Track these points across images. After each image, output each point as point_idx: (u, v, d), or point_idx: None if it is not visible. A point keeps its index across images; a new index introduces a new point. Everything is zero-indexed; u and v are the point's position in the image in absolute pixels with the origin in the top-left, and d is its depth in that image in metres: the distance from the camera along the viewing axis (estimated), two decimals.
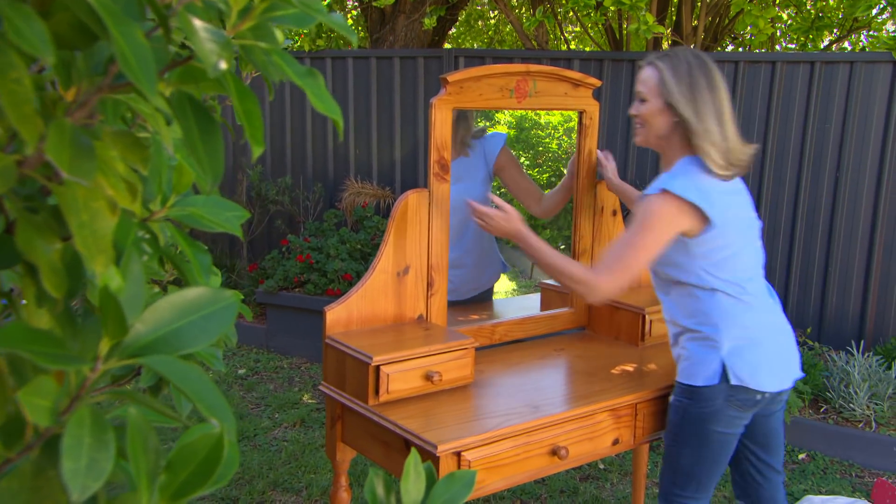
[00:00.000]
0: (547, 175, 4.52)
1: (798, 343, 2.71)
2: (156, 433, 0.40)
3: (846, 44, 6.11)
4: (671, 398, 2.01)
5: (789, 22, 5.90)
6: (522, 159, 4.62)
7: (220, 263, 5.51)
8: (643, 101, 1.98)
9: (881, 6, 4.73)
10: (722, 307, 1.92)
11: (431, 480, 0.54)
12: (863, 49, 6.01)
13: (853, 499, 3.09)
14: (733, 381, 1.89)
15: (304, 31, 5.69)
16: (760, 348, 1.93)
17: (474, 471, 0.55)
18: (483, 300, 2.82)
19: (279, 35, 1.11)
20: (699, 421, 1.93)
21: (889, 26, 5.77)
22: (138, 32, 0.36)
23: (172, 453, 0.41)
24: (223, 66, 0.38)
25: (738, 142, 1.93)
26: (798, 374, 2.03)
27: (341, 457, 2.07)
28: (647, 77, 1.97)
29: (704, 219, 1.87)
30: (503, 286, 3.33)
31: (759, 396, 1.93)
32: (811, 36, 5.34)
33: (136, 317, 0.41)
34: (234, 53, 0.41)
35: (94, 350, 0.40)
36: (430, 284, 2.15)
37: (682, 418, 1.96)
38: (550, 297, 2.67)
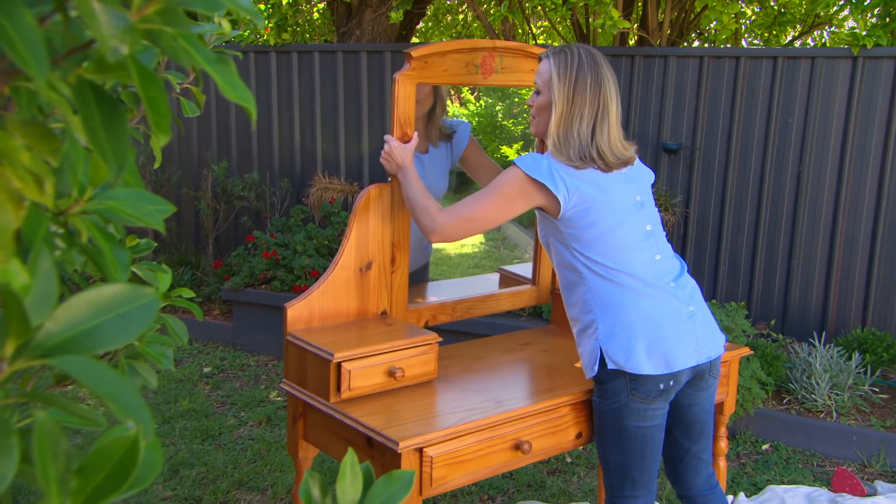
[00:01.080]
0: (522, 127, 4.51)
1: (720, 327, 2.65)
2: (66, 436, 0.38)
3: (808, 39, 6.20)
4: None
5: (753, 17, 5.97)
6: (497, 107, 4.63)
7: (185, 260, 5.43)
8: (538, 92, 2.02)
9: (841, 3, 4.80)
10: (597, 291, 1.93)
11: (369, 481, 0.53)
12: (824, 45, 6.10)
13: (814, 487, 3.15)
14: (610, 366, 1.88)
15: (270, 24, 5.63)
16: (636, 331, 1.90)
17: (412, 471, 0.54)
18: (424, 274, 2.81)
19: (226, 26, 1.08)
20: (612, 418, 1.93)
21: (849, 23, 5.86)
22: (26, 14, 0.34)
23: (86, 457, 0.39)
24: (124, 50, 0.36)
25: (617, 141, 1.98)
26: (704, 358, 1.97)
27: (303, 455, 2.06)
28: (542, 70, 2.00)
29: (554, 197, 1.92)
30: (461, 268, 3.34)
31: (661, 385, 1.91)
32: (774, 31, 5.41)
33: (46, 315, 0.40)
34: (138, 37, 0.39)
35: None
36: (392, 261, 2.14)
37: (598, 417, 1.97)
38: (508, 283, 2.67)
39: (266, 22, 5.68)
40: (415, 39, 7.75)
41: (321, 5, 7.07)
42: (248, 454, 3.37)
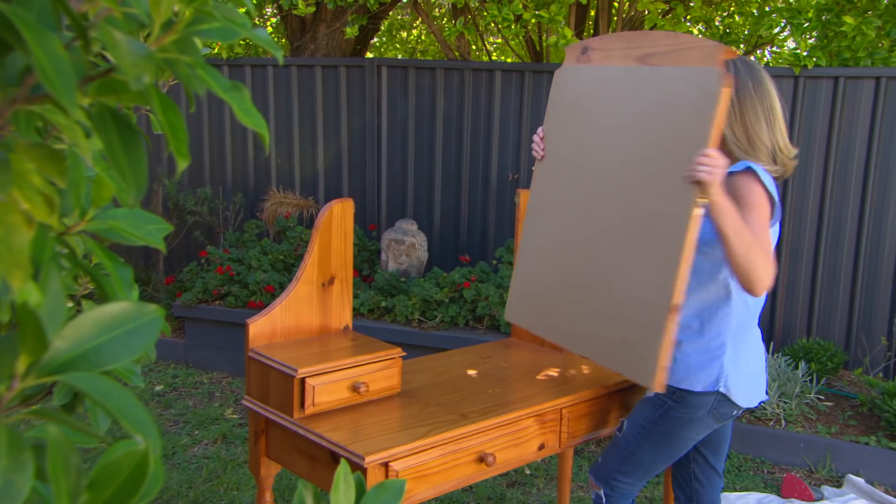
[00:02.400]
0: None
1: None
2: (78, 452, 0.39)
3: (752, 59, 6.41)
4: (649, 392, 2.03)
5: (700, 37, 6.15)
6: None
7: (135, 277, 5.33)
8: None
9: (782, 24, 4.98)
10: (737, 318, 1.92)
11: (361, 491, 0.54)
12: (767, 64, 6.32)
13: (765, 494, 3.23)
14: (722, 390, 1.91)
15: None
16: (751, 364, 1.97)
17: (403, 480, 0.55)
18: None
19: (197, 43, 1.09)
20: (678, 424, 1.95)
21: (790, 43, 6.09)
22: (56, 43, 0.35)
23: (95, 471, 0.40)
24: (147, 79, 0.38)
25: (785, 144, 1.95)
26: (764, 396, 2.06)
27: (265, 472, 2.04)
28: None
29: (773, 215, 1.87)
30: None
31: (735, 411, 1.98)
32: None
33: (55, 333, 0.40)
34: (159, 67, 0.40)
35: (11, 368, 0.39)
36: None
37: (659, 417, 1.97)
38: None
39: None
40: (369, 55, 7.78)
41: (274, 19, 7.05)
42: (203, 473, 3.32)
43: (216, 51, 5.55)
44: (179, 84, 0.60)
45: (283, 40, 7.01)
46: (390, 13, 7.20)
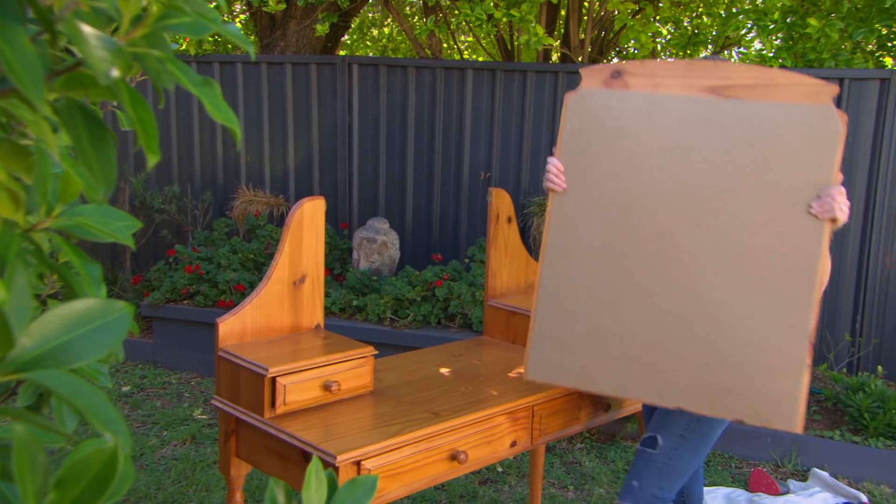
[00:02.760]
0: None
1: None
2: (44, 451, 0.38)
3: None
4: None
5: (669, 37, 6.22)
6: None
7: (102, 276, 5.25)
8: None
9: (749, 26, 5.06)
10: None
11: (333, 488, 0.54)
12: None
13: (733, 488, 3.28)
14: None
15: None
16: None
17: (375, 476, 0.55)
18: None
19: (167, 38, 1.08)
20: (713, 425, 2.00)
21: (756, 44, 6.18)
22: (22, 37, 0.34)
23: (63, 470, 0.39)
24: (116, 74, 0.37)
25: None
26: None
27: (236, 472, 2.02)
28: None
29: None
30: None
31: None
32: (689, 51, 5.64)
33: (21, 330, 0.39)
34: (128, 61, 0.40)
35: None
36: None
37: (696, 421, 1.99)
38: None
39: None
40: (340, 52, 7.74)
41: (244, 16, 6.98)
42: (172, 474, 3.28)
43: (184, 47, 5.48)
44: (146, 80, 0.59)
45: (253, 37, 6.95)
46: (361, 11, 7.17)
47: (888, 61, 4.82)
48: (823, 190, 1.71)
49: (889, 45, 4.60)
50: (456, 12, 4.89)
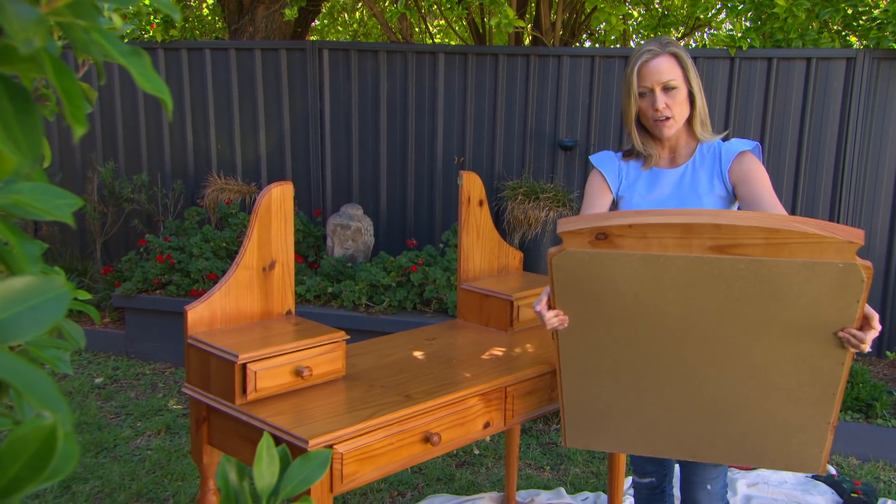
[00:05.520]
0: None
1: None
2: None
3: (691, 41, 6.53)
4: None
5: (639, 19, 6.23)
6: None
7: (71, 267, 5.18)
8: (673, 88, 1.94)
9: (718, 7, 5.08)
10: None
11: (286, 463, 0.53)
12: (705, 46, 6.44)
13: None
14: None
15: (157, 20, 5.44)
16: None
17: (329, 450, 0.55)
18: None
19: (118, 20, 1.05)
20: None
21: (727, 25, 6.21)
22: None
23: (1, 448, 0.38)
24: (37, 43, 0.36)
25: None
26: None
27: (208, 460, 2.01)
28: (671, 65, 1.93)
29: None
30: None
31: None
32: (659, 33, 5.66)
33: None
34: (49, 30, 0.38)
35: None
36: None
37: None
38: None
39: (151, 17, 5.48)
40: (311, 37, 7.67)
41: (211, 1, 6.89)
42: (146, 465, 3.25)
43: (151, 34, 5.39)
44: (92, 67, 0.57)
45: (221, 23, 6.86)
46: None
47: (853, 41, 4.87)
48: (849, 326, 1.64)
49: (854, 24, 4.65)
50: None
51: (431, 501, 2.98)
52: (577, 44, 6.06)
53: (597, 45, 6.62)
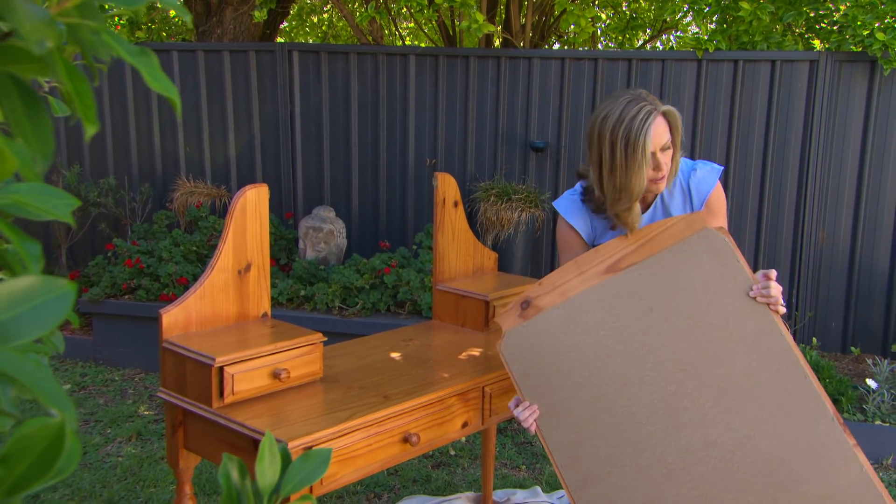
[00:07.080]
0: None
1: None
2: None
3: (658, 43, 6.61)
4: None
5: (608, 22, 6.30)
6: None
7: None
8: (669, 148, 1.90)
9: (685, 9, 5.16)
10: None
11: (287, 461, 0.54)
12: (672, 48, 6.53)
13: None
14: None
15: (122, 21, 5.37)
16: None
17: (329, 448, 0.55)
18: None
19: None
20: None
21: (693, 28, 6.31)
22: None
23: (8, 447, 0.38)
24: (49, 44, 0.36)
25: None
26: None
27: (184, 464, 1.99)
28: (664, 125, 1.87)
29: None
30: None
31: None
32: (627, 35, 5.73)
33: None
34: (60, 31, 0.38)
35: None
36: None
37: None
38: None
39: (116, 19, 5.41)
40: (280, 39, 7.61)
41: (178, 2, 6.81)
42: (117, 472, 3.21)
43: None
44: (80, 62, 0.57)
45: (188, 24, 6.78)
46: None
47: (817, 43, 4.97)
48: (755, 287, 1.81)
49: (817, 27, 4.75)
50: None
51: (408, 502, 2.99)
52: (547, 46, 6.11)
53: (566, 48, 6.67)
